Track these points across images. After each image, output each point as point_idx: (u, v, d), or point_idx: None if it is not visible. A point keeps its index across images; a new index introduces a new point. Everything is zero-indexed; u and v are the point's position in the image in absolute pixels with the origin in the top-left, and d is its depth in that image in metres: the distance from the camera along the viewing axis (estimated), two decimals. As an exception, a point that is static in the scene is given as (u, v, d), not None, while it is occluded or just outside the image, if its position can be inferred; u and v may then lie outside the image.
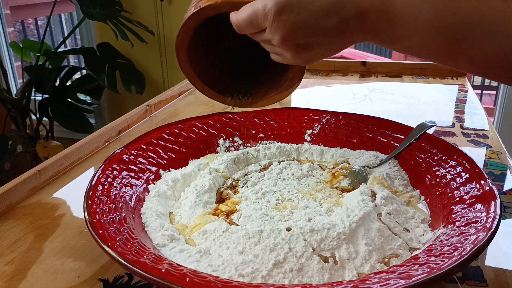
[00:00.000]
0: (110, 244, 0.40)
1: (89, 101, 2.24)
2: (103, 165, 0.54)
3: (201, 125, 0.68)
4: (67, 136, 2.18)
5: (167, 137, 0.64)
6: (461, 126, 0.81)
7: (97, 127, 2.06)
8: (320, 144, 0.67)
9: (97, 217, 0.44)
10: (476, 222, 0.43)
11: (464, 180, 0.51)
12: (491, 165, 0.66)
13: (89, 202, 0.47)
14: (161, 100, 0.93)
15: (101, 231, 0.42)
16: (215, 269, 0.41)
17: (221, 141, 0.68)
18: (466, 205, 0.47)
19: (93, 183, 0.50)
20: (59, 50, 2.01)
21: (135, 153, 0.59)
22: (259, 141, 0.69)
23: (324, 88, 1.06)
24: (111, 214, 0.46)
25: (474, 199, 0.47)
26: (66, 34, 3.51)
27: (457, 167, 0.54)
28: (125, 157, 0.57)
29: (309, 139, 0.69)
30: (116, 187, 0.52)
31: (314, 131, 0.69)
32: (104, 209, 0.46)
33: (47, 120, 2.03)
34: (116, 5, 1.88)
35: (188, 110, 0.91)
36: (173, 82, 1.96)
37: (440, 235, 0.44)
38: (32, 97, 2.01)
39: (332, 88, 1.06)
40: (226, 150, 0.67)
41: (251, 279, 0.40)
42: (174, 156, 0.63)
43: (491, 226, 0.41)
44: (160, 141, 0.63)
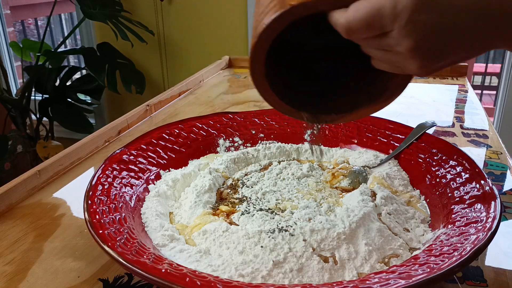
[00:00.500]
0: (110, 244, 0.40)
1: (89, 101, 2.24)
2: (103, 165, 0.54)
3: (201, 125, 0.68)
4: (67, 136, 2.18)
5: (167, 137, 0.64)
6: (461, 126, 0.81)
7: (97, 127, 2.06)
8: (320, 144, 0.67)
9: (97, 217, 0.44)
10: (476, 222, 0.43)
11: (464, 180, 0.51)
12: (491, 165, 0.66)
13: (89, 202, 0.47)
14: (161, 100, 0.93)
15: (101, 231, 0.42)
16: (215, 269, 0.41)
17: (221, 141, 0.68)
18: (466, 205, 0.47)
19: (93, 183, 0.50)
20: (59, 50, 2.01)
21: (135, 153, 0.59)
22: (259, 141, 0.69)
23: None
24: (111, 214, 0.46)
25: (474, 199, 0.47)
26: (66, 34, 3.51)
27: (457, 167, 0.54)
28: (125, 157, 0.57)
29: (309, 139, 0.69)
30: (116, 187, 0.52)
31: (314, 131, 0.69)
32: (104, 209, 0.46)
33: (47, 120, 2.03)
34: (116, 5, 1.88)
35: (188, 110, 0.91)
36: (173, 82, 1.95)
37: (440, 235, 0.44)
38: (32, 97, 2.01)
39: (332, 88, 1.06)
40: (226, 150, 0.67)
41: (251, 279, 0.40)
42: (174, 156, 0.63)
43: (491, 226, 0.41)
44: (160, 141, 0.63)
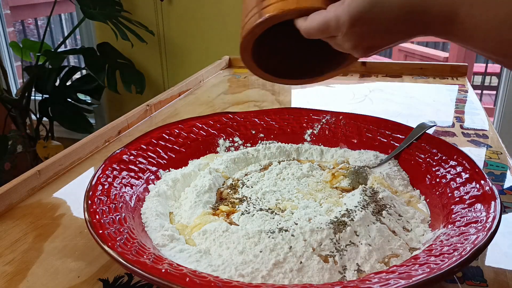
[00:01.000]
0: (110, 244, 0.40)
1: (89, 101, 2.24)
2: (103, 165, 0.54)
3: (201, 125, 0.68)
4: (67, 136, 2.18)
5: (167, 137, 0.64)
6: (461, 126, 0.81)
7: (97, 127, 2.06)
8: (320, 144, 0.67)
9: (97, 217, 0.44)
10: (476, 222, 0.43)
11: (464, 180, 0.51)
12: (491, 165, 0.66)
13: (89, 202, 0.47)
14: (161, 100, 0.93)
15: (101, 231, 0.42)
16: (215, 269, 0.41)
17: (221, 141, 0.68)
18: (466, 205, 0.47)
19: (93, 183, 0.50)
20: (59, 50, 2.01)
21: (135, 153, 0.59)
22: (259, 141, 0.69)
23: (324, 88, 1.06)
24: (111, 214, 0.46)
25: (474, 199, 0.47)
26: (66, 34, 3.51)
27: (457, 167, 0.54)
28: (125, 157, 0.57)
29: (309, 139, 0.69)
30: (116, 187, 0.52)
31: (314, 131, 0.69)
32: (104, 209, 0.46)
33: (47, 120, 2.03)
34: (116, 5, 1.88)
35: (188, 110, 0.91)
36: (173, 82, 1.95)
37: (440, 235, 0.44)
38: (32, 97, 2.01)
39: (332, 88, 1.06)
40: (226, 150, 0.67)
41: (251, 279, 0.40)
42: (174, 156, 0.63)
43: (491, 226, 0.41)
44: (160, 141, 0.63)
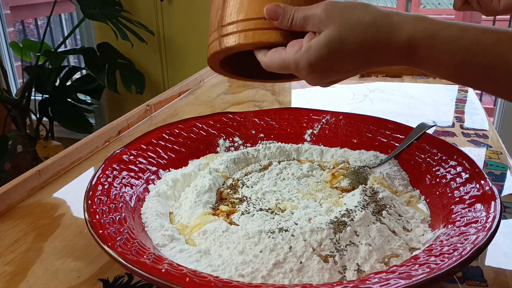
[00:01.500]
0: (110, 244, 0.40)
1: (89, 101, 2.24)
2: (103, 165, 0.54)
3: (201, 125, 0.68)
4: (67, 136, 2.18)
5: (167, 137, 0.64)
6: (461, 126, 0.81)
7: (97, 127, 2.06)
8: (320, 144, 0.67)
9: (97, 217, 0.44)
10: (476, 222, 0.43)
11: (464, 180, 0.51)
12: (491, 165, 0.66)
13: (89, 202, 0.47)
14: (161, 100, 0.93)
15: (101, 231, 0.42)
16: (215, 269, 0.41)
17: (221, 141, 0.68)
18: (466, 205, 0.47)
19: (93, 183, 0.50)
20: (59, 50, 2.01)
21: (135, 153, 0.59)
22: (259, 141, 0.69)
23: (324, 88, 1.06)
24: (111, 214, 0.46)
25: (474, 199, 0.47)
26: (66, 34, 3.51)
27: (457, 167, 0.54)
28: (125, 157, 0.57)
29: (309, 139, 0.69)
30: (116, 187, 0.52)
31: (314, 131, 0.69)
32: (104, 209, 0.46)
33: (47, 120, 2.03)
34: (116, 5, 1.88)
35: (188, 110, 0.91)
36: (173, 82, 1.95)
37: (440, 235, 0.44)
38: (32, 97, 2.01)
39: (332, 88, 1.06)
40: (226, 150, 0.67)
41: (251, 279, 0.40)
42: (174, 156, 0.63)
43: (491, 226, 0.41)
44: (160, 141, 0.63)
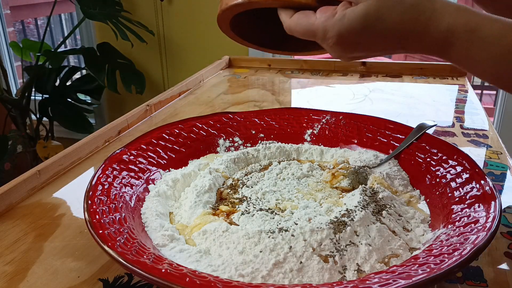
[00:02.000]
0: (110, 244, 0.40)
1: (89, 101, 2.24)
2: (103, 165, 0.54)
3: (201, 125, 0.68)
4: (67, 136, 2.18)
5: (167, 137, 0.64)
6: (461, 126, 0.81)
7: (97, 127, 2.06)
8: (320, 144, 0.67)
9: (97, 217, 0.44)
10: (476, 222, 0.43)
11: (464, 180, 0.51)
12: (491, 165, 0.66)
13: (89, 202, 0.47)
14: (161, 100, 0.93)
15: (101, 231, 0.42)
16: (215, 269, 0.41)
17: (221, 141, 0.68)
18: (466, 205, 0.47)
19: (93, 183, 0.50)
20: (59, 50, 2.01)
21: (135, 153, 0.59)
22: (259, 141, 0.69)
23: (324, 88, 1.06)
24: (111, 214, 0.46)
25: (474, 199, 0.47)
26: (66, 34, 3.51)
27: (457, 167, 0.54)
28: (125, 157, 0.57)
29: (309, 139, 0.69)
30: (116, 187, 0.52)
31: (314, 131, 0.69)
32: (104, 209, 0.46)
33: (47, 120, 2.03)
34: (116, 5, 1.88)
35: (188, 110, 0.91)
36: (173, 82, 1.96)
37: (440, 235, 0.44)
38: (32, 97, 2.01)
39: (332, 88, 1.06)
40: (226, 150, 0.67)
41: (251, 279, 0.40)
42: (174, 156, 0.63)
43: (491, 226, 0.41)
44: (160, 141, 0.63)
